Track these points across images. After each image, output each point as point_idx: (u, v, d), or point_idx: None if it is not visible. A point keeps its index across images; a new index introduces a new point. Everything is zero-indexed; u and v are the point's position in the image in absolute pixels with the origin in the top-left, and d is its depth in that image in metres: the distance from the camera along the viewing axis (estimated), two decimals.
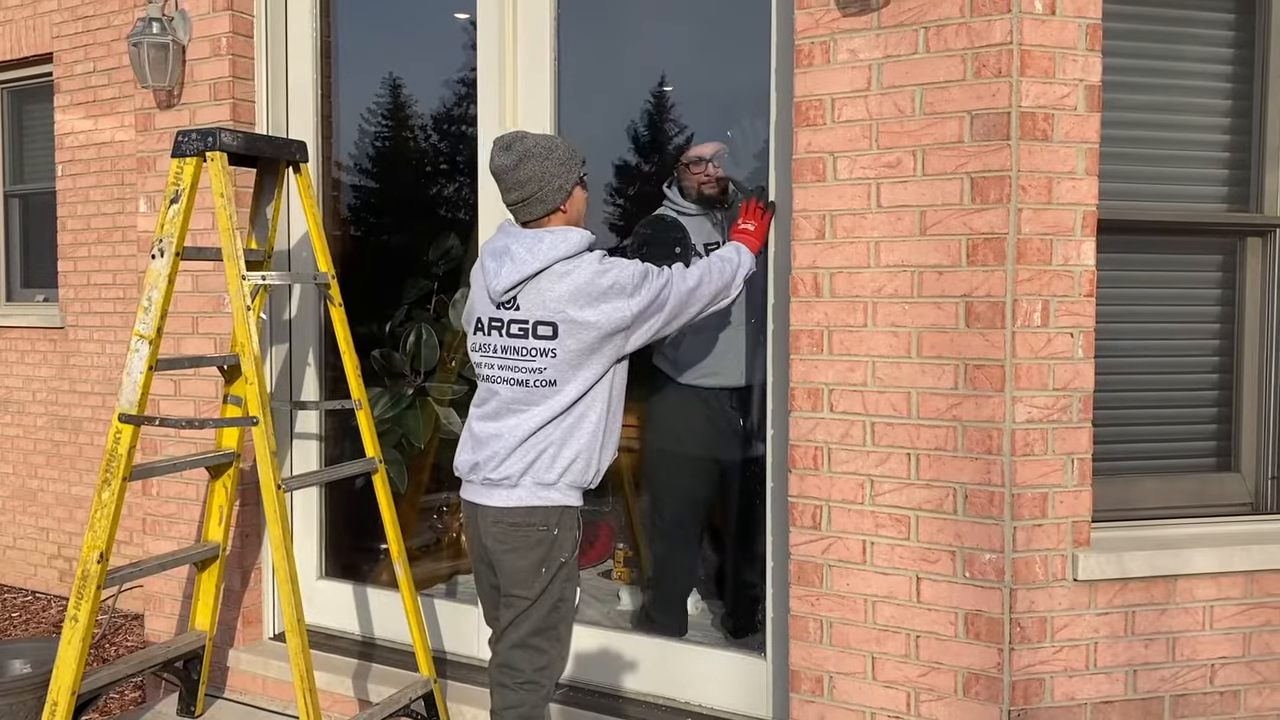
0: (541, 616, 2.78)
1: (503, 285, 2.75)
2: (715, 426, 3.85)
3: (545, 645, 2.80)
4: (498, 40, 3.61)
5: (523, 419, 2.76)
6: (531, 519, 2.75)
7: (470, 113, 4.22)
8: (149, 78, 3.93)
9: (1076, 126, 2.71)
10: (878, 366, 2.85)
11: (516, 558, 2.75)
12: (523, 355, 2.75)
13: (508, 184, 2.77)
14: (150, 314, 3.18)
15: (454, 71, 4.18)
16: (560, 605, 2.80)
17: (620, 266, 2.74)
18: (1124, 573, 2.77)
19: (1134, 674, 2.81)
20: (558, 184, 2.78)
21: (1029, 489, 2.71)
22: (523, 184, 2.74)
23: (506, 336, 2.78)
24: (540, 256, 2.71)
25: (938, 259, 2.76)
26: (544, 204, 2.78)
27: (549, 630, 2.79)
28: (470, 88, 3.91)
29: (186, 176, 3.15)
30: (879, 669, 2.87)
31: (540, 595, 2.76)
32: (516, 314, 2.76)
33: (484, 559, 2.86)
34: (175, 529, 4.13)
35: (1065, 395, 2.74)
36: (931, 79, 2.75)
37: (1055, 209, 2.70)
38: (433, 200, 4.94)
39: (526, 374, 2.74)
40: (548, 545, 2.75)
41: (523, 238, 2.77)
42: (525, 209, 2.79)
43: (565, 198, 2.80)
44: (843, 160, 2.87)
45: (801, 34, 2.91)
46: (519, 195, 2.77)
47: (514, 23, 3.60)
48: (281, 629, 4.16)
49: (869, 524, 2.87)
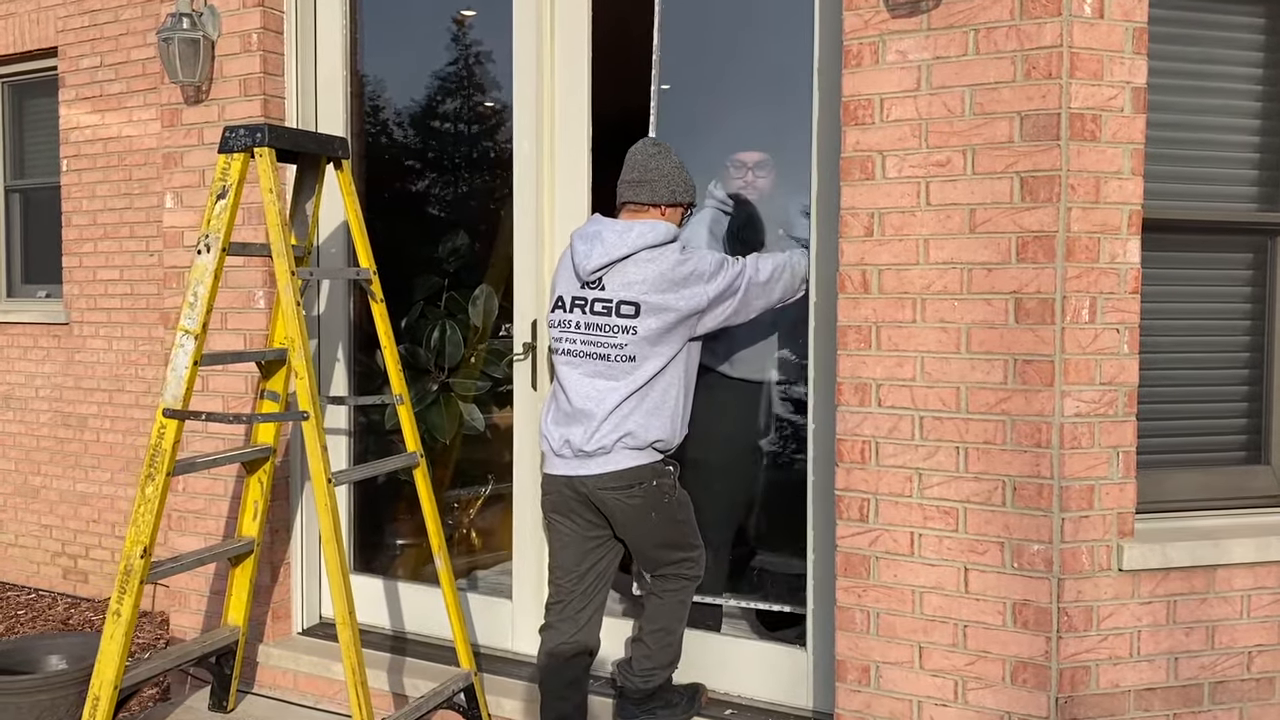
0: (674, 538, 3.21)
1: (592, 265, 3.05)
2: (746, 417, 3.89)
3: (685, 553, 3.24)
4: (535, 34, 3.63)
5: (605, 392, 3.05)
6: (630, 479, 3.09)
7: (491, 110, 4.26)
8: (179, 73, 3.93)
9: (1124, 127, 2.78)
10: (926, 362, 2.90)
11: (631, 513, 3.11)
12: (605, 331, 3.06)
13: (636, 164, 3.15)
14: (196, 309, 3.18)
15: (478, 67, 4.20)
16: (679, 523, 3.22)
17: (700, 256, 3.06)
18: (1166, 563, 2.84)
19: (1175, 661, 2.89)
20: (672, 188, 3.15)
21: (1076, 481, 2.78)
22: (647, 169, 3.13)
23: (590, 314, 3.08)
24: (629, 242, 3.03)
25: (987, 256, 2.82)
26: (652, 192, 3.13)
27: (681, 542, 3.24)
28: (495, 85, 3.95)
29: (234, 172, 3.16)
30: (926, 658, 2.93)
31: (660, 525, 3.17)
32: (601, 293, 3.07)
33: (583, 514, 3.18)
34: (203, 524, 4.13)
35: (1111, 390, 2.80)
36: (982, 80, 2.81)
37: (1103, 208, 2.77)
38: (444, 198, 4.94)
39: (608, 349, 3.05)
40: (652, 494, 3.12)
41: (615, 226, 3.09)
42: (634, 188, 3.14)
43: (669, 203, 3.16)
44: (891, 159, 2.92)
45: (850, 34, 2.96)
46: (638, 175, 3.14)
47: (551, 16, 3.63)
48: (311, 624, 4.17)
49: (917, 516, 2.93)
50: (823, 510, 3.24)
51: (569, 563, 3.24)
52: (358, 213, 3.44)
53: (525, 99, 3.67)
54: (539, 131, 3.65)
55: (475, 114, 4.36)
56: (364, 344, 4.29)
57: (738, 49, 3.60)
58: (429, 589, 4.06)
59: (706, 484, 3.99)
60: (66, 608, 5.87)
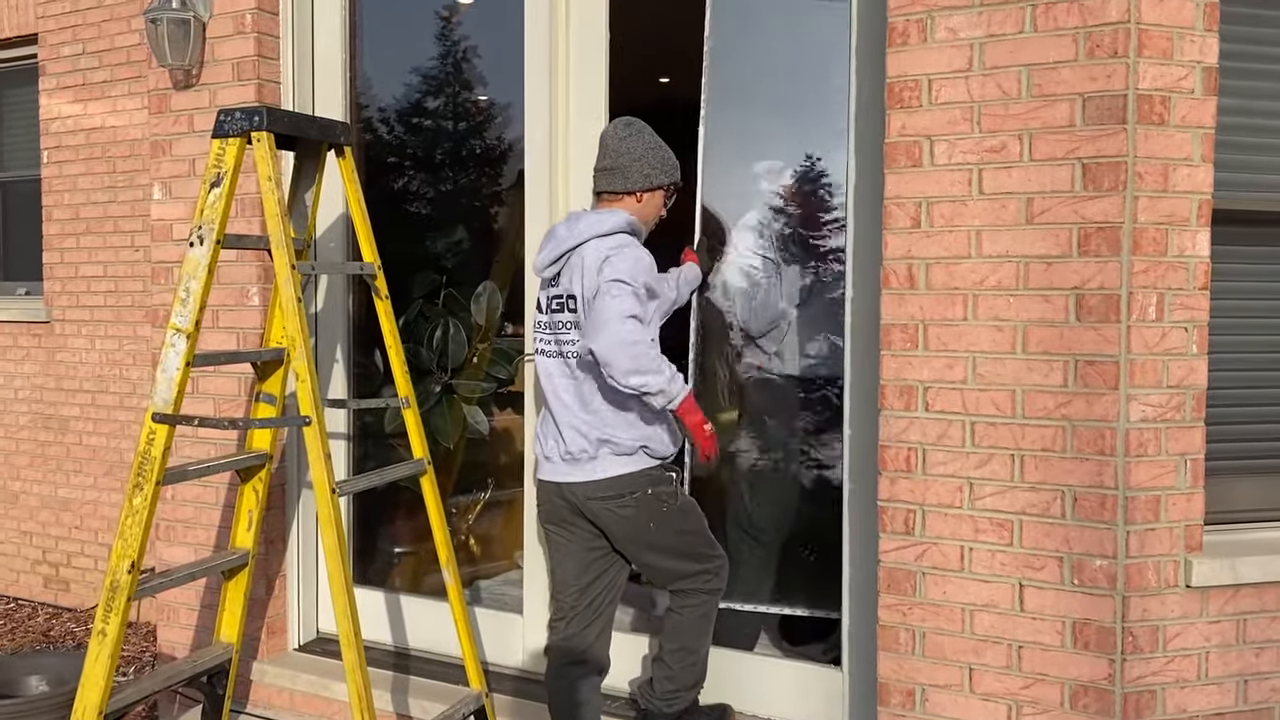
0: (681, 549, 2.98)
1: (541, 263, 2.98)
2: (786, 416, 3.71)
3: (699, 565, 3.01)
4: (548, 16, 3.41)
5: (571, 391, 2.93)
6: (619, 489, 2.90)
7: (495, 100, 4.04)
8: (167, 56, 3.70)
9: (1193, 110, 2.58)
10: (979, 363, 2.70)
11: (625, 525, 2.92)
12: (561, 329, 2.96)
13: (608, 149, 2.98)
14: (188, 306, 2.96)
15: (485, 55, 3.99)
16: (685, 534, 2.99)
17: (634, 246, 2.88)
18: (1237, 579, 2.65)
19: (1244, 684, 2.69)
20: (646, 171, 2.97)
21: (1142, 492, 2.58)
22: (618, 153, 2.96)
23: (549, 313, 3.00)
24: (577, 234, 2.89)
25: (1045, 249, 2.62)
26: (624, 180, 2.96)
27: (692, 553, 3.00)
28: (504, 74, 3.73)
29: (229, 158, 2.93)
30: (977, 681, 2.73)
31: (662, 537, 2.95)
32: (555, 289, 2.97)
33: (578, 524, 2.99)
34: (192, 534, 3.90)
35: (1179, 393, 2.61)
36: (1040, 59, 2.61)
37: (1171, 197, 2.58)
38: (444, 191, 4.73)
39: (564, 345, 2.95)
40: (646, 504, 2.91)
41: (569, 219, 2.96)
42: (606, 177, 2.99)
43: (644, 188, 2.98)
44: (941, 144, 2.72)
45: (895, 10, 2.75)
46: (610, 162, 2.98)
47: (566, 5, 3.42)
48: (308, 639, 3.95)
49: (967, 529, 2.73)
50: (859, 520, 3.03)
51: (570, 576, 3.06)
52: (361, 203, 3.22)
53: (537, 86, 3.46)
54: (552, 121, 3.43)
55: (478, 104, 4.15)
56: (362, 343, 4.07)
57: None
58: (432, 602, 3.84)
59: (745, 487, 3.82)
60: (47, 618, 5.62)
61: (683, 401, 2.82)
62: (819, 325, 3.49)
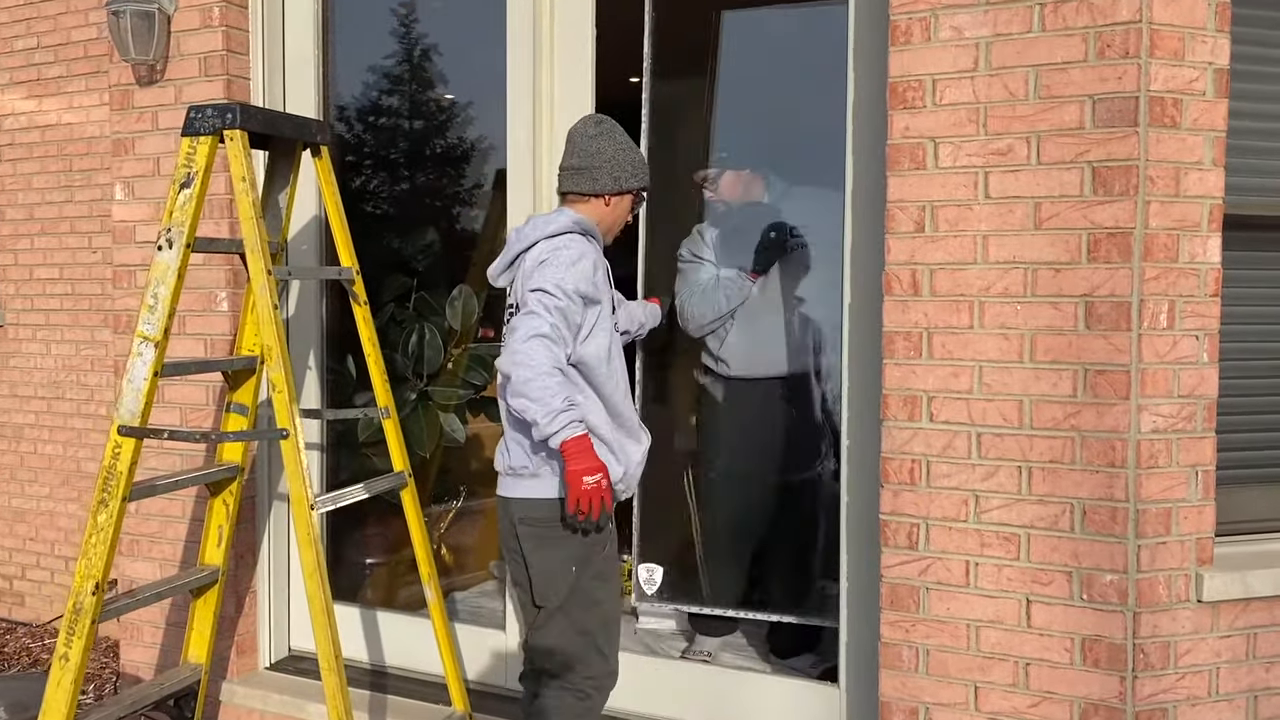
0: (577, 619, 2.67)
1: (495, 271, 2.82)
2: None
3: (584, 652, 2.69)
4: (531, 12, 3.29)
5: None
6: (557, 510, 2.63)
7: (475, 98, 3.92)
8: (131, 50, 3.53)
9: (1205, 113, 2.52)
10: (985, 372, 2.62)
11: (544, 555, 2.66)
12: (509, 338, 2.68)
13: (576, 147, 2.78)
14: (156, 313, 2.81)
15: (462, 52, 3.86)
16: (596, 608, 2.69)
17: (574, 246, 2.64)
18: (1248, 592, 2.59)
19: (1255, 700, 2.63)
20: (616, 174, 2.78)
21: (1153, 504, 2.51)
22: (585, 153, 2.76)
23: (508, 324, 2.75)
24: (524, 237, 2.73)
25: (1054, 255, 2.54)
26: (593, 181, 2.77)
27: (586, 635, 2.69)
28: (483, 71, 3.60)
29: (200, 157, 2.79)
30: (983, 699, 2.65)
31: (569, 595, 2.65)
32: (509, 298, 2.78)
33: (515, 556, 2.75)
34: (158, 549, 3.74)
35: (1190, 403, 2.54)
36: (1048, 60, 2.53)
37: (1183, 202, 2.51)
38: (414, 191, 4.61)
39: None
40: (577, 540, 2.64)
41: (521, 224, 2.78)
42: (573, 177, 2.78)
43: (611, 191, 2.78)
44: (945, 146, 2.63)
45: (898, 8, 2.66)
46: (578, 161, 2.78)
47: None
48: (280, 657, 3.80)
49: (973, 543, 2.64)
50: (857, 534, 2.94)
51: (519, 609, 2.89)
52: (339, 206, 3.09)
53: (520, 84, 3.33)
54: (535, 119, 3.31)
55: (453, 102, 4.03)
56: (334, 349, 3.92)
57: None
58: (408, 617, 3.71)
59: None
60: (1, 633, 5.40)
61: (566, 441, 2.50)
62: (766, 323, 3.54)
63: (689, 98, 3.82)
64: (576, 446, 2.51)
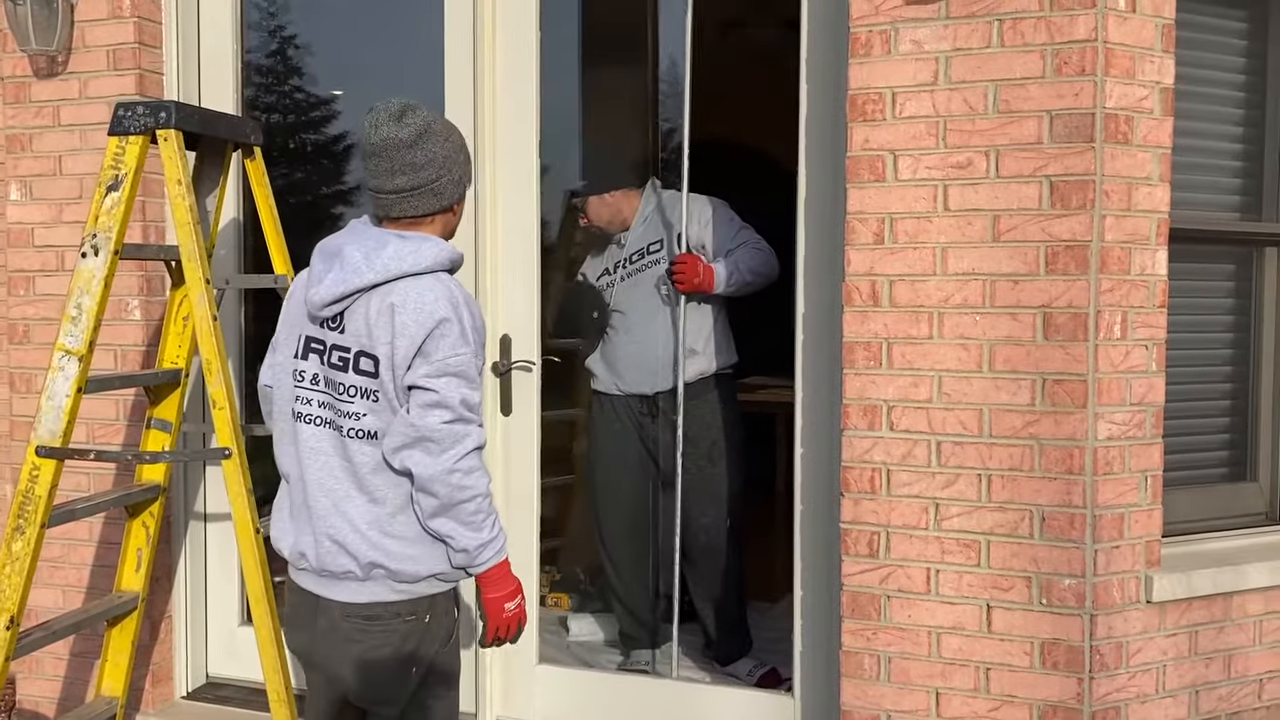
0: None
1: (323, 297, 2.11)
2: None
3: None
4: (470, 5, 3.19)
5: (344, 483, 2.12)
6: (394, 611, 2.14)
7: (411, 94, 3.80)
8: (32, 40, 3.29)
9: (1153, 130, 2.60)
10: (945, 381, 2.65)
11: (376, 659, 2.15)
12: (341, 395, 2.11)
13: (398, 164, 2.11)
14: (80, 324, 2.62)
15: (393, 44, 3.74)
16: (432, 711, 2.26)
17: (467, 299, 2.14)
18: (1191, 592, 2.69)
19: (1196, 695, 2.74)
20: (457, 176, 2.20)
21: (1109, 509, 2.59)
22: (419, 167, 2.12)
23: (327, 366, 2.14)
24: (379, 267, 2.08)
25: (1013, 267, 2.59)
26: (438, 198, 2.17)
27: None
28: (417, 66, 3.48)
29: (130, 158, 2.61)
30: (944, 705, 2.69)
31: (411, 701, 2.21)
32: (341, 338, 2.12)
33: (325, 665, 2.21)
34: (61, 574, 3.49)
35: (1141, 410, 2.63)
36: (1007, 75, 2.57)
37: (1134, 216, 2.59)
38: (331, 192, 4.46)
39: (341, 418, 2.12)
40: (418, 637, 2.16)
41: (365, 239, 2.14)
42: (411, 200, 2.14)
43: (459, 198, 2.23)
44: (905, 159, 2.66)
45: (858, 21, 2.68)
46: (410, 181, 2.13)
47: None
48: (196, 685, 3.60)
49: (934, 550, 2.68)
50: (811, 542, 2.95)
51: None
52: (273, 209, 2.94)
53: (459, 78, 3.21)
54: (476, 117, 3.20)
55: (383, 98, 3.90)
56: (254, 360, 3.73)
57: None
58: None
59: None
60: None
61: (492, 569, 2.16)
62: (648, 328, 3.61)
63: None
64: (500, 571, 2.17)
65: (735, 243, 3.55)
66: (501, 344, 3.21)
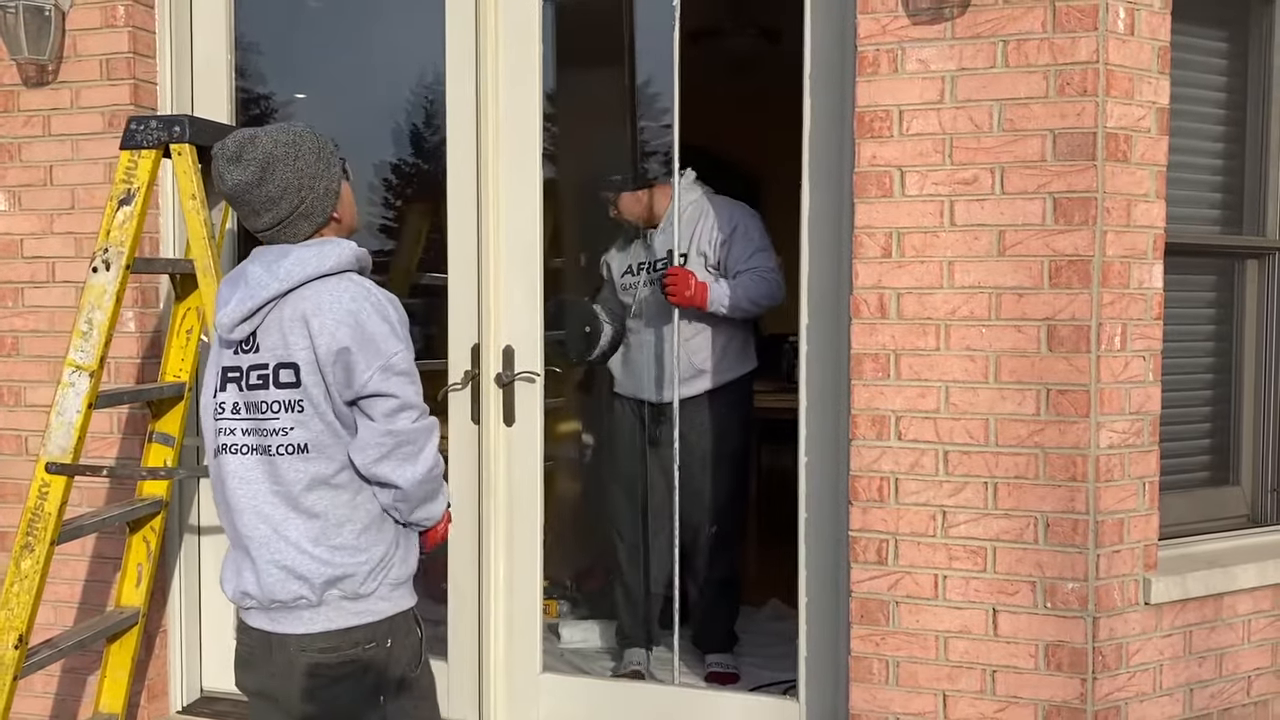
0: None
1: (232, 317, 2.07)
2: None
3: None
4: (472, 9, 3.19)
5: (279, 507, 2.07)
6: (353, 639, 2.09)
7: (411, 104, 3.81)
8: (23, 47, 3.24)
9: (1150, 149, 2.70)
10: (951, 392, 2.72)
11: (340, 691, 2.09)
12: (264, 412, 2.07)
13: (255, 206, 2.06)
14: (91, 340, 2.60)
15: (393, 52, 3.74)
16: None
17: (381, 296, 2.11)
18: (1186, 594, 2.79)
19: (1190, 693, 2.84)
20: (323, 187, 2.12)
21: (1110, 515, 2.68)
22: (276, 201, 2.06)
23: (246, 390, 2.08)
24: (281, 276, 2.05)
25: (1018, 280, 2.67)
26: (313, 218, 2.12)
27: None
28: (417, 74, 3.50)
29: (143, 173, 2.60)
30: (951, 707, 2.76)
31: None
32: (256, 357, 2.08)
33: (286, 703, 2.12)
34: (52, 590, 3.38)
35: (1139, 419, 2.72)
36: (1011, 94, 2.65)
37: (1132, 231, 2.68)
38: None
39: (268, 437, 2.06)
40: (381, 664, 2.12)
41: (265, 256, 2.11)
42: (286, 230, 2.10)
43: (335, 200, 2.15)
44: (912, 175, 2.72)
45: (865, 40, 2.74)
46: (275, 216, 2.08)
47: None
48: (191, 699, 3.57)
49: (941, 557, 2.75)
50: (817, 549, 3.01)
51: None
52: None
53: (460, 79, 3.21)
54: (479, 127, 3.20)
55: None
56: None
57: None
58: None
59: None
60: None
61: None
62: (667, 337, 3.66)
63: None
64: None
65: (746, 265, 3.58)
66: (504, 355, 3.22)
